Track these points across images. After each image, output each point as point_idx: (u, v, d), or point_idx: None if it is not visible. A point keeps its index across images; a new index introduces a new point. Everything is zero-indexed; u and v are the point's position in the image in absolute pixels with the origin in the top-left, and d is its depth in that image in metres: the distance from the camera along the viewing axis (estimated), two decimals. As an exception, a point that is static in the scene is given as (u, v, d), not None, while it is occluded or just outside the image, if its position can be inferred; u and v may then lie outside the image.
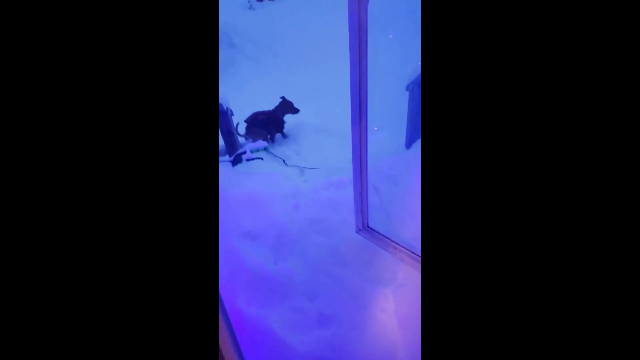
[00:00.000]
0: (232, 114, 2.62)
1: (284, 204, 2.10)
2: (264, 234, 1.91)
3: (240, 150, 2.50)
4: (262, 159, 2.51)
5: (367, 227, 1.59)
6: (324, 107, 3.49)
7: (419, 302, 1.42)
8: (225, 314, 0.74)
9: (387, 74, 2.19)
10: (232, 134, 2.54)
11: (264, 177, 2.29)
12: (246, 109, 3.21)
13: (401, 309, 1.47)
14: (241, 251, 1.79)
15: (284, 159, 2.75)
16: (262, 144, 2.70)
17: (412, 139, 2.32)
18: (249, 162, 2.42)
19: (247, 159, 2.42)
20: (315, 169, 2.55)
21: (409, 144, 2.34)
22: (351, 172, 1.50)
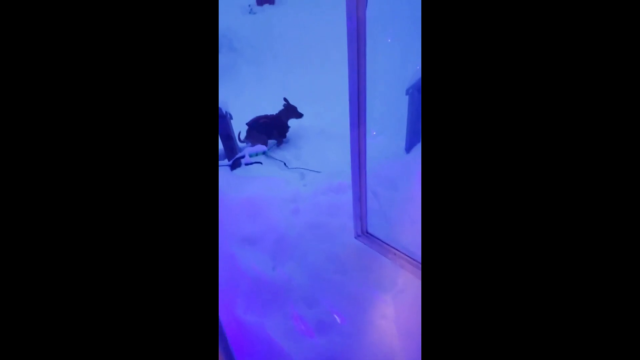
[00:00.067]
0: (231, 117, 2.62)
1: (283, 209, 2.09)
2: (262, 239, 1.89)
3: (239, 154, 2.49)
4: (261, 163, 2.50)
5: (366, 232, 1.57)
6: (324, 110, 3.48)
7: (418, 309, 1.41)
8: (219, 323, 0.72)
9: (387, 78, 2.19)
10: (231, 138, 2.53)
11: (263, 182, 2.28)
12: (246, 112, 3.20)
13: (401, 316, 1.45)
14: (239, 256, 1.77)
15: (284, 163, 2.74)
16: (261, 148, 2.69)
17: (412, 143, 2.30)
18: (247, 167, 2.41)
19: (246, 163, 2.41)
20: (315, 173, 2.54)
21: (409, 148, 2.33)
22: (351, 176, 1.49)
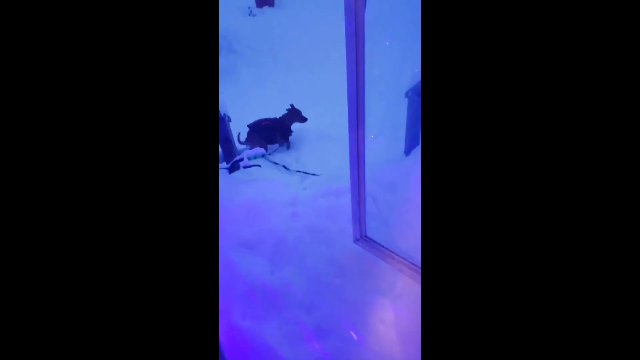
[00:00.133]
0: (229, 120, 2.60)
1: (282, 212, 2.07)
2: (261, 243, 1.88)
3: (237, 157, 2.47)
4: (259, 166, 2.49)
5: (365, 236, 1.56)
6: (324, 113, 3.48)
7: (417, 313, 1.39)
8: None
9: (385, 80, 2.18)
10: (229, 140, 2.52)
11: (261, 185, 2.26)
12: (245, 115, 3.19)
13: (400, 320, 1.44)
14: (237, 260, 1.76)
15: (285, 166, 2.73)
16: (260, 151, 2.68)
17: (411, 145, 2.29)
18: (246, 170, 2.40)
19: (245, 166, 2.40)
20: (315, 176, 2.53)
21: (408, 150, 2.32)
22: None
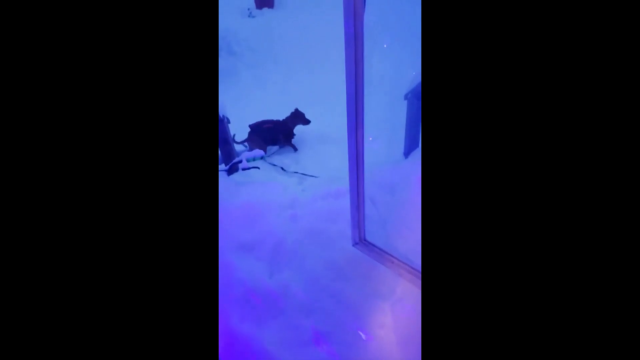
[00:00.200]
0: (228, 122, 2.59)
1: (280, 215, 2.06)
2: (259, 246, 1.87)
3: (236, 159, 2.46)
4: (258, 168, 2.47)
5: (364, 240, 1.55)
6: (324, 114, 3.47)
7: (417, 318, 1.38)
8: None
9: (385, 82, 2.17)
10: (228, 142, 2.51)
11: (260, 187, 2.25)
12: (245, 116, 3.19)
13: (400, 325, 1.42)
14: (235, 263, 1.75)
15: (283, 167, 2.71)
16: (259, 152, 2.67)
17: (410, 148, 2.28)
18: (245, 172, 2.38)
19: (243, 168, 2.39)
20: (314, 178, 2.52)
21: (407, 153, 2.31)
22: (351, 181, 1.45)
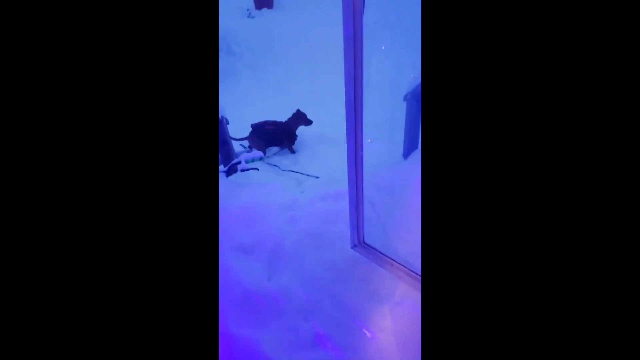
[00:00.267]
0: (227, 122, 2.58)
1: (279, 216, 2.05)
2: (258, 248, 1.86)
3: (235, 160, 2.45)
4: (257, 169, 2.46)
5: (363, 243, 1.54)
6: (323, 115, 3.45)
7: (417, 321, 1.37)
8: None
9: (384, 83, 2.16)
10: (227, 143, 2.50)
11: (259, 188, 2.24)
12: (245, 117, 3.18)
13: (399, 328, 1.41)
14: (233, 266, 1.74)
15: (278, 166, 2.72)
16: (258, 154, 2.66)
17: (409, 149, 2.27)
18: (243, 173, 2.37)
19: (242, 170, 2.38)
20: (313, 179, 2.51)
21: (407, 154, 2.30)
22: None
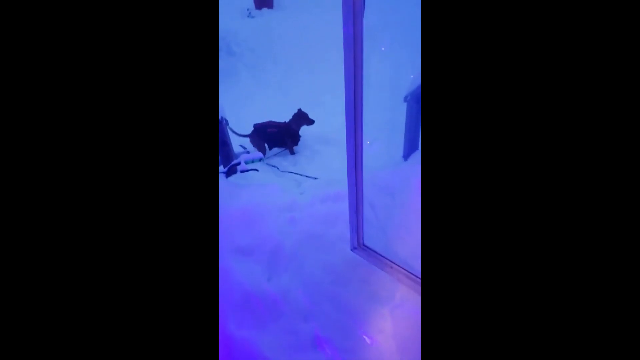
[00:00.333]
0: (227, 123, 2.58)
1: (279, 218, 2.04)
2: (257, 250, 1.85)
3: (234, 161, 2.44)
4: (257, 170, 2.46)
5: (363, 245, 1.53)
6: (323, 116, 3.44)
7: (416, 324, 1.36)
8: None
9: (384, 84, 2.15)
10: (226, 144, 2.50)
11: (259, 189, 2.24)
12: (245, 117, 3.17)
13: (399, 331, 1.41)
14: (233, 267, 1.73)
15: (276, 167, 2.71)
16: (258, 155, 2.65)
17: (409, 150, 2.27)
18: (243, 174, 2.37)
19: (242, 171, 2.37)
20: (313, 180, 2.50)
21: (407, 155, 2.29)
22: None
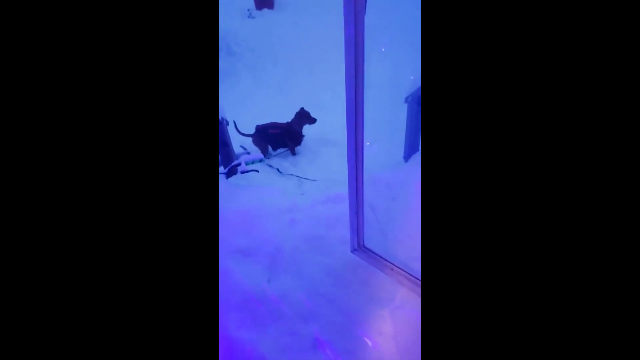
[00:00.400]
0: (227, 124, 2.57)
1: (279, 219, 2.04)
2: (257, 251, 1.84)
3: (235, 162, 2.44)
4: (257, 171, 2.45)
5: (363, 246, 1.52)
6: (324, 116, 3.44)
7: (416, 326, 1.36)
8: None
9: (385, 86, 2.15)
10: (226, 144, 2.49)
11: (259, 191, 2.23)
12: (244, 117, 3.17)
13: (399, 333, 1.40)
14: (232, 269, 1.72)
15: (278, 169, 2.70)
16: (259, 155, 2.65)
17: (410, 151, 2.27)
18: (243, 175, 2.36)
19: (242, 172, 2.36)
20: (313, 182, 2.49)
21: (407, 156, 2.29)
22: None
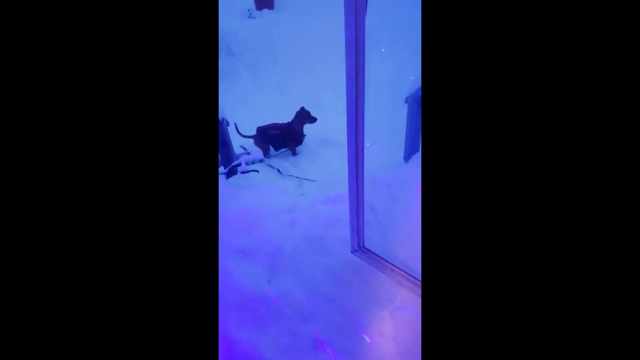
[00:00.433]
0: (227, 124, 2.57)
1: (279, 220, 2.04)
2: (257, 252, 1.84)
3: (235, 162, 2.44)
4: (257, 171, 2.45)
5: (363, 247, 1.52)
6: (324, 117, 3.44)
7: (417, 327, 1.35)
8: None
9: (385, 86, 2.15)
10: (227, 145, 2.49)
11: (259, 191, 2.23)
12: (244, 117, 3.17)
13: (399, 334, 1.40)
14: (232, 269, 1.72)
15: (278, 169, 2.69)
16: (259, 156, 2.64)
17: (411, 152, 2.26)
18: (244, 175, 2.36)
19: (242, 172, 2.36)
20: (313, 182, 2.49)
21: (408, 157, 2.29)
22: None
